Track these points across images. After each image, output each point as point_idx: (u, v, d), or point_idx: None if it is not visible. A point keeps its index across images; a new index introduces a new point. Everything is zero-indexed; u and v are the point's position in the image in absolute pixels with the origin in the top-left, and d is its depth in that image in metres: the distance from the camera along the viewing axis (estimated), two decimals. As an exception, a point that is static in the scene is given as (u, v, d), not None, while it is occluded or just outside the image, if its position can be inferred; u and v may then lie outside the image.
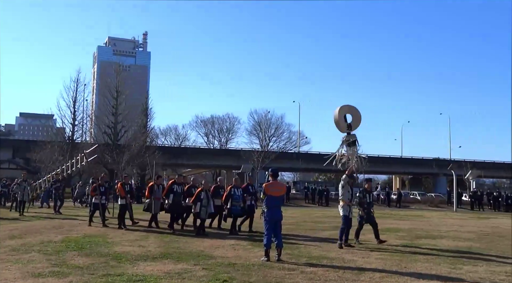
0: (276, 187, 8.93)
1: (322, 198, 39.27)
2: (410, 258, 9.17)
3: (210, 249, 9.83)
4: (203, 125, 76.66)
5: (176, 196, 13.40)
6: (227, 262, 8.23)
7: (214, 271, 7.35)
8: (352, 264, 8.30)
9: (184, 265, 7.87)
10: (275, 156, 52.77)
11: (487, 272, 7.83)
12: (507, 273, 7.77)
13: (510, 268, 8.27)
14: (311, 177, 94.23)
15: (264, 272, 7.34)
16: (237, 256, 9.00)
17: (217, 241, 11.31)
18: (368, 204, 11.55)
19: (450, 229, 16.27)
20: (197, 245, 10.52)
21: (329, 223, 18.10)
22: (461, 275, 7.52)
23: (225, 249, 9.90)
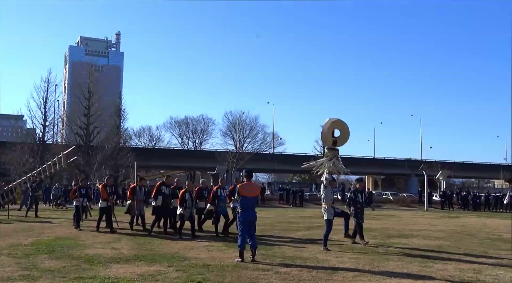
0: (250, 188, 8.93)
1: (296, 198, 39.50)
2: (382, 257, 9.30)
3: (184, 251, 9.78)
4: (177, 126, 76.23)
5: (164, 198, 13.17)
6: (201, 263, 8.20)
7: (188, 272, 7.31)
8: (326, 264, 8.38)
9: (157, 267, 7.81)
10: (250, 157, 52.86)
11: (456, 270, 8.01)
12: (475, 271, 7.96)
13: (478, 266, 8.49)
14: (285, 178, 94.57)
15: (238, 272, 7.35)
16: (211, 257, 8.98)
17: (191, 242, 11.26)
18: (360, 204, 11.54)
19: (421, 228, 16.57)
20: (171, 246, 10.45)
21: (303, 223, 18.25)
22: (431, 273, 7.67)
23: (199, 250, 9.86)
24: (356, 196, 11.61)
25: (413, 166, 61.43)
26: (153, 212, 13.41)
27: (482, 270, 8.03)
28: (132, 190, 14.18)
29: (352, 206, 11.57)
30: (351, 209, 11.57)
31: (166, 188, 13.39)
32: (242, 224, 8.70)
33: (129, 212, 14.02)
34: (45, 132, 48.17)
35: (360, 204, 11.57)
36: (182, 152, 69.92)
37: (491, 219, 24.47)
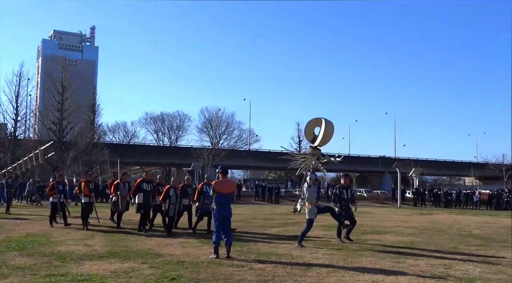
0: (225, 184, 8.92)
1: (272, 195, 39.67)
2: (356, 253, 9.41)
3: (158, 247, 9.72)
4: (152, 122, 75.66)
5: (146, 195, 12.88)
6: (175, 260, 8.16)
7: (162, 269, 7.27)
8: (300, 260, 8.44)
9: (131, 263, 7.74)
10: (226, 153, 52.82)
11: (427, 265, 8.17)
12: (446, 266, 8.13)
13: (448, 261, 8.67)
14: (261, 175, 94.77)
15: (213, 269, 7.34)
16: (185, 253, 8.95)
17: (166, 239, 11.20)
18: (345, 200, 11.25)
19: (394, 225, 16.82)
20: (145, 243, 10.37)
21: (278, 220, 18.32)
22: (403, 269, 7.79)
23: (174, 247, 9.81)
24: (341, 192, 11.32)
25: (387, 164, 62.34)
26: (138, 210, 13.07)
27: (452, 265, 8.20)
28: (116, 186, 13.91)
29: (338, 202, 11.26)
30: (337, 206, 11.22)
31: (147, 184, 13.09)
32: (217, 221, 8.68)
33: (115, 208, 13.76)
34: (16, 127, 47.19)
35: (345, 200, 11.28)
36: (158, 148, 69.40)
37: (462, 216, 25.00)
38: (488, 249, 10.67)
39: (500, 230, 16.15)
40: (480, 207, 38.95)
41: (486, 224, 18.74)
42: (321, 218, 18.81)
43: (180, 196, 12.75)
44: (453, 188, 57.38)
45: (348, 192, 11.43)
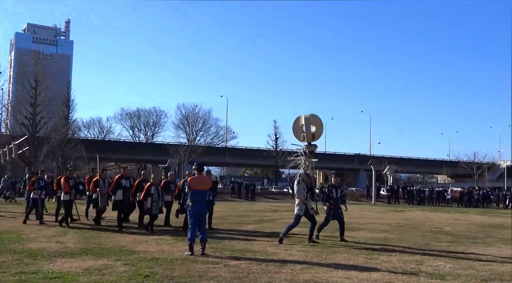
0: (201, 181, 8.89)
1: (248, 192, 39.74)
2: (330, 250, 9.51)
3: (132, 244, 9.64)
4: (128, 118, 75.02)
5: (125, 191, 12.54)
6: (149, 257, 8.11)
7: (136, 266, 7.21)
8: (275, 257, 8.48)
9: (104, 261, 7.66)
10: (202, 150, 52.70)
11: (400, 261, 8.31)
12: (418, 262, 8.28)
13: (420, 257, 8.83)
14: (238, 172, 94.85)
15: (188, 266, 7.31)
16: (160, 250, 8.89)
17: (140, 236, 11.10)
18: (334, 200, 11.09)
19: (368, 222, 17.04)
20: (118, 240, 10.27)
21: (254, 217, 18.37)
22: (376, 265, 7.91)
23: (148, 244, 9.74)
24: (330, 191, 11.17)
25: (362, 161, 63.19)
26: (113, 207, 12.78)
27: (424, 261, 8.36)
28: (95, 183, 13.61)
29: (327, 201, 11.13)
30: (326, 205, 11.10)
31: (125, 180, 12.75)
32: (193, 217, 8.64)
33: (96, 206, 13.49)
34: (-13, 122, 46.07)
35: (334, 199, 11.10)
36: (133, 144, 68.84)
37: (434, 213, 25.49)
38: (459, 246, 10.92)
39: (470, 226, 16.53)
40: (451, 204, 39.72)
41: (457, 221, 19.15)
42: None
43: (162, 193, 12.60)
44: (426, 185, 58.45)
45: (338, 191, 11.26)
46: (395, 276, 6.98)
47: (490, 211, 31.81)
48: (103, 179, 13.83)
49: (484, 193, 42.38)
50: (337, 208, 11.14)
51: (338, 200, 11.21)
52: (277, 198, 42.25)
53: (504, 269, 7.87)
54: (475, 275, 7.21)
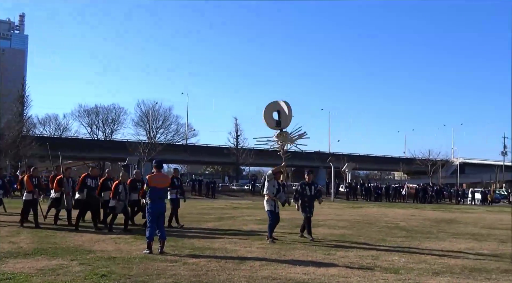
0: (160, 179, 8.81)
1: (209, 190, 39.61)
2: (289, 246, 9.61)
3: (89, 243, 9.45)
4: (86, 115, 73.26)
5: (90, 190, 12.24)
6: (106, 256, 7.97)
7: (92, 265, 7.08)
8: (234, 254, 8.50)
9: (59, 260, 7.48)
10: (163, 147, 52.17)
11: (356, 257, 8.50)
12: (373, 257, 8.50)
13: (376, 252, 9.06)
14: (198, 169, 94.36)
15: (146, 264, 7.24)
16: (117, 249, 8.76)
17: (97, 235, 10.89)
18: (308, 197, 10.96)
19: (327, 218, 17.28)
20: (75, 239, 10.04)
21: (214, 214, 18.33)
22: (333, 260, 8.06)
23: (106, 243, 9.57)
24: (303, 189, 11.03)
25: (321, 158, 63.97)
26: (75, 206, 12.48)
27: (379, 256, 8.58)
28: (59, 182, 13.06)
29: (300, 199, 11.00)
30: (298, 203, 10.99)
31: (92, 180, 12.49)
32: (151, 216, 8.56)
33: (56, 205, 13.01)
34: None
35: (308, 197, 10.98)
36: (91, 141, 67.36)
37: (390, 209, 26.14)
38: (413, 240, 11.25)
39: (424, 222, 17.05)
40: (407, 200, 40.85)
41: (412, 217, 19.71)
42: (256, 212, 19.07)
43: (129, 191, 12.35)
44: (383, 182, 59.84)
45: (311, 188, 11.10)
46: (351, 271, 7.13)
47: (443, 207, 32.91)
48: (67, 177, 13.40)
49: (437, 189, 43.78)
50: (311, 205, 11.03)
51: (313, 197, 11.10)
52: (238, 195, 42.31)
53: (454, 262, 8.17)
54: (428, 269, 7.46)
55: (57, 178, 13.39)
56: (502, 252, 9.79)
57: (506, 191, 54.95)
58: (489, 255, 9.22)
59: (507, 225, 16.98)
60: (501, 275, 7.12)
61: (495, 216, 22.80)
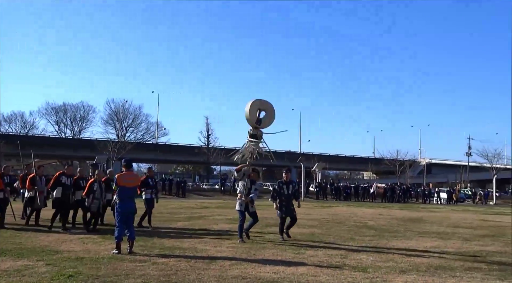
0: (129, 178, 8.72)
1: (179, 189, 39.38)
2: (259, 246, 9.64)
3: (56, 244, 9.27)
4: (54, 113, 71.88)
5: (65, 189, 11.95)
6: (74, 256, 7.84)
7: (59, 266, 6.95)
8: (204, 253, 8.49)
9: (25, 261, 7.32)
10: (132, 146, 51.52)
11: (325, 255, 8.60)
12: (342, 256, 8.61)
13: (345, 251, 9.18)
14: (169, 168, 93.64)
15: (114, 265, 7.15)
16: (85, 249, 8.63)
17: (65, 235, 10.70)
18: (285, 196, 10.78)
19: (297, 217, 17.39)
20: (41, 239, 9.84)
21: (184, 214, 18.24)
22: (303, 259, 8.14)
23: (73, 243, 9.42)
24: (281, 188, 10.83)
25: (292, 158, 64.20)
26: (53, 205, 12.13)
27: (348, 255, 8.70)
28: (31, 180, 12.71)
29: (276, 199, 10.85)
30: (276, 202, 10.83)
31: (66, 178, 12.16)
32: (120, 215, 8.46)
33: (31, 205, 12.64)
34: None
35: (286, 196, 10.78)
36: (59, 140, 66.08)
37: (359, 208, 26.54)
38: (381, 239, 11.46)
39: (392, 221, 17.38)
40: (376, 200, 41.55)
41: (380, 216, 20.07)
42: (226, 212, 19.07)
43: (105, 190, 12.13)
44: (352, 181, 60.65)
45: (289, 187, 10.89)
46: (320, 269, 7.21)
47: (410, 206, 33.61)
48: (40, 176, 13.04)
49: (404, 188, 44.70)
50: (289, 204, 10.86)
51: (290, 197, 10.91)
52: (208, 194, 42.22)
53: (420, 260, 8.36)
54: (395, 267, 7.61)
55: (29, 177, 13.01)
56: (466, 250, 10.08)
57: (471, 190, 56.58)
58: (453, 253, 9.47)
59: (470, 223, 17.48)
60: (465, 273, 7.32)
61: (459, 215, 23.43)
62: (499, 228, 15.97)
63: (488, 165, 56.65)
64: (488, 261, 8.58)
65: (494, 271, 7.54)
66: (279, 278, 6.51)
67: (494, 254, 9.56)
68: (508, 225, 17.23)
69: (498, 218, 21.91)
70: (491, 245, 11.13)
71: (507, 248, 10.58)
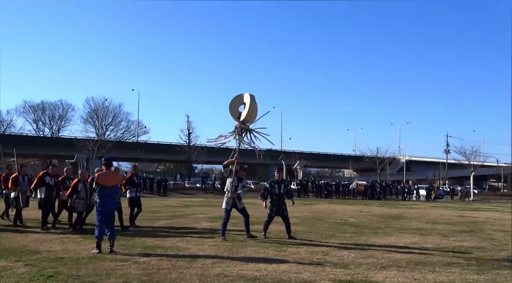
0: (109, 177, 8.64)
1: (160, 188, 39.14)
2: (241, 244, 9.65)
3: (35, 244, 9.14)
4: (32, 111, 70.63)
5: (48, 190, 11.73)
6: (53, 256, 7.74)
7: (38, 266, 6.86)
8: (186, 252, 8.46)
9: (3, 262, 7.19)
10: (112, 145, 51.05)
11: (307, 253, 8.65)
12: (324, 253, 8.67)
13: (326, 248, 9.25)
14: (150, 167, 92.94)
15: (95, 264, 7.08)
16: (65, 249, 8.52)
17: (44, 235, 10.56)
18: (277, 195, 10.71)
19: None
20: (19, 240, 9.69)
21: (166, 212, 18.15)
22: (285, 257, 8.17)
23: (53, 243, 9.29)
24: (272, 187, 10.76)
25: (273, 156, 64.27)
26: (39, 206, 11.89)
27: (329, 252, 8.77)
28: (14, 181, 12.38)
29: (266, 198, 10.83)
30: (267, 201, 10.83)
31: (50, 178, 11.92)
32: (101, 214, 8.38)
33: (15, 205, 12.30)
34: None
35: (277, 195, 10.72)
36: (37, 138, 64.98)
37: (340, 205, 26.75)
38: (361, 236, 11.57)
39: (372, 218, 17.56)
40: (356, 197, 41.91)
41: (361, 213, 20.26)
42: (208, 210, 19.03)
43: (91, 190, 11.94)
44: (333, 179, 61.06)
45: (281, 187, 10.82)
46: (302, 266, 7.25)
47: (390, 203, 34.00)
48: (23, 175, 12.73)
49: (384, 186, 45.19)
50: (281, 204, 10.80)
51: (282, 196, 10.82)
52: (190, 193, 42.03)
53: (400, 256, 8.48)
54: (375, 263, 7.70)
55: (12, 177, 12.66)
56: (444, 245, 10.24)
57: (449, 187, 57.46)
58: (432, 249, 9.62)
59: (449, 219, 17.77)
60: (444, 268, 7.44)
61: (438, 211, 23.80)
62: (476, 223, 16.27)
63: (466, 162, 57.53)
64: (466, 256, 8.74)
65: (472, 266, 7.69)
66: (261, 275, 6.53)
67: (472, 249, 9.74)
68: (486, 221, 17.57)
69: (476, 214, 22.31)
70: (469, 240, 11.34)
71: (485, 243, 10.79)
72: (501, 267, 7.73)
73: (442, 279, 6.58)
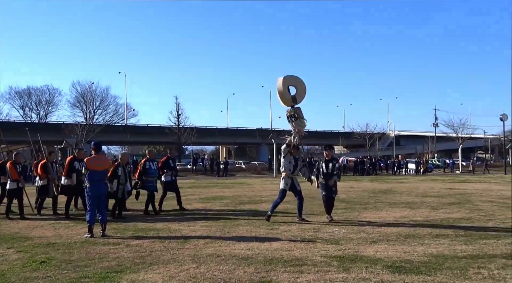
0: (99, 161, 8.62)
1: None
2: (233, 223, 9.72)
3: (26, 230, 9.13)
4: (18, 97, 69.86)
5: (79, 175, 11.08)
6: (45, 242, 7.75)
7: (31, 253, 6.86)
8: (178, 233, 8.51)
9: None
10: (101, 129, 50.75)
11: (298, 230, 8.73)
12: (315, 229, 8.77)
13: (317, 225, 9.35)
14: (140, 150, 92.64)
15: (87, 249, 7.10)
16: (57, 235, 8.53)
17: (35, 221, 10.53)
18: (325, 175, 10.20)
19: (270, 194, 17.57)
20: (10, 226, 9.68)
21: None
22: (277, 235, 8.25)
23: (44, 229, 9.29)
24: (321, 166, 10.34)
25: (263, 135, 64.42)
26: (61, 191, 11.52)
27: (320, 229, 8.86)
28: (43, 167, 11.85)
29: (318, 176, 10.32)
30: (318, 181, 10.32)
31: (79, 163, 11.28)
32: (91, 199, 8.38)
33: (45, 193, 11.84)
34: None
35: (325, 175, 10.19)
36: (24, 124, 64.31)
37: (331, 182, 26.85)
38: (352, 212, 11.70)
39: (362, 193, 17.74)
40: (347, 173, 42.17)
41: (351, 189, 20.45)
42: (199, 191, 19.06)
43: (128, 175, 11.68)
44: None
45: (328, 166, 10.26)
46: (294, 244, 7.33)
47: (380, 178, 34.31)
48: (51, 162, 12.22)
49: (373, 161, 45.49)
50: (328, 184, 10.22)
51: (330, 175, 10.22)
52: (181, 174, 41.88)
53: (390, 230, 8.60)
54: (366, 238, 7.80)
55: (41, 163, 12.17)
56: (433, 218, 10.40)
57: (438, 161, 58.02)
58: (422, 222, 9.77)
59: (438, 192, 18.00)
60: (433, 240, 7.57)
61: (427, 184, 24.08)
62: (464, 195, 16.51)
63: (454, 135, 57.99)
64: (455, 228, 8.89)
65: (460, 237, 7.82)
66: (253, 254, 6.59)
67: (460, 221, 9.91)
68: (473, 192, 17.83)
69: (464, 186, 22.62)
70: (457, 212, 11.52)
71: (472, 214, 10.98)
72: (488, 237, 7.88)
73: (431, 251, 6.69)
